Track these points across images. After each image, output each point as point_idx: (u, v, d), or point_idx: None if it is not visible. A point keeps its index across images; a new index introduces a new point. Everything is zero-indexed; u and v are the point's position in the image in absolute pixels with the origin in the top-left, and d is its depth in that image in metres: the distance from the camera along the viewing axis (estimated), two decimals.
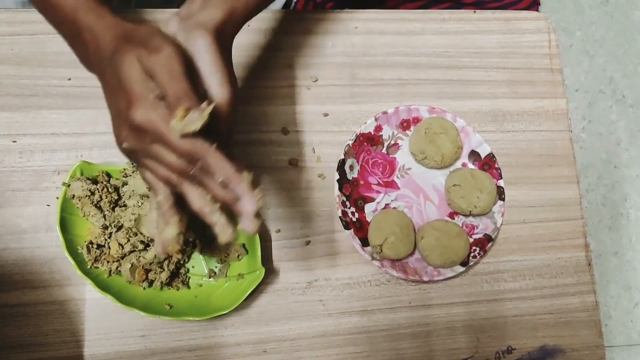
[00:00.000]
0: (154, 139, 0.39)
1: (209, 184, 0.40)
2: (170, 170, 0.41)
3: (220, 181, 0.39)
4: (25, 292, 0.57)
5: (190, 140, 0.38)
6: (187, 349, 0.57)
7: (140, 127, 0.39)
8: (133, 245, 0.56)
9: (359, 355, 0.59)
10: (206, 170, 0.39)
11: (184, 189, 0.41)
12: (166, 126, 0.38)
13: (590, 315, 0.63)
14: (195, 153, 0.39)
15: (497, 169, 0.64)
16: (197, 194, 0.41)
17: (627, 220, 1.48)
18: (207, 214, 0.41)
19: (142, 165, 0.43)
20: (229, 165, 0.39)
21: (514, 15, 0.72)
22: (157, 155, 0.40)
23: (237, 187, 0.39)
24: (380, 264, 0.59)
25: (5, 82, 0.62)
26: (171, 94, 0.38)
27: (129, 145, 0.41)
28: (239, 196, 0.39)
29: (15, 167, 0.60)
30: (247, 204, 0.39)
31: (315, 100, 0.66)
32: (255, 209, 0.39)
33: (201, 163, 0.39)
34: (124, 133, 0.41)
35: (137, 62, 0.39)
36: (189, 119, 0.37)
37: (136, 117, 0.39)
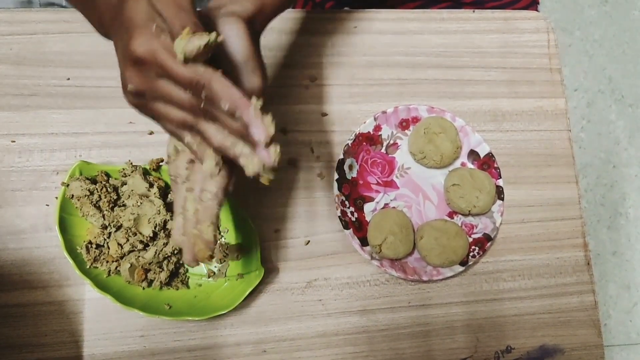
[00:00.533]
0: (158, 72, 0.37)
1: (221, 117, 0.38)
2: (182, 107, 0.39)
3: (227, 109, 0.36)
4: (24, 292, 0.57)
5: (193, 66, 0.36)
6: (187, 349, 0.57)
7: (142, 58, 0.37)
8: (132, 245, 0.56)
9: (359, 355, 0.59)
10: (212, 100, 0.37)
11: (200, 127, 0.39)
12: (167, 54, 0.36)
13: (589, 315, 0.63)
14: (199, 79, 0.36)
15: (496, 169, 0.64)
16: (214, 129, 0.39)
17: (626, 219, 1.48)
18: (229, 147, 0.38)
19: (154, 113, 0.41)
20: (235, 90, 0.36)
21: (513, 15, 0.72)
22: (164, 93, 0.38)
23: (245, 113, 0.36)
24: (380, 263, 0.59)
25: (4, 82, 0.62)
26: (178, 24, 0.37)
27: (134, 87, 0.39)
28: (247, 122, 0.36)
29: (14, 167, 0.60)
30: (256, 131, 0.36)
31: (315, 99, 0.66)
32: (266, 136, 0.36)
33: (206, 92, 0.36)
34: (128, 72, 0.38)
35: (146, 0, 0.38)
36: (193, 37, 0.35)
37: (137, 47, 0.37)
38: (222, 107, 0.36)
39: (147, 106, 0.40)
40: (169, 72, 0.37)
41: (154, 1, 0.38)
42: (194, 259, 0.43)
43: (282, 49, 0.67)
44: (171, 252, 0.56)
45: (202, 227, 0.42)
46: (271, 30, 0.67)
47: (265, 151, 0.37)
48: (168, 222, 0.56)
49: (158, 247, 0.56)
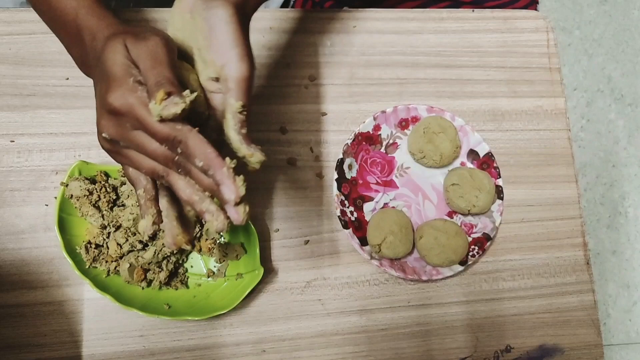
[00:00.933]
0: (134, 124, 0.38)
1: (193, 171, 0.38)
2: (155, 158, 0.39)
3: (200, 166, 0.37)
4: (23, 292, 0.57)
5: (169, 124, 0.37)
6: (186, 348, 0.57)
7: (118, 110, 0.38)
8: (131, 245, 0.55)
9: (358, 354, 0.59)
10: (187, 155, 0.37)
11: (170, 179, 0.40)
12: (144, 110, 0.37)
13: (588, 314, 0.63)
14: (175, 136, 0.37)
15: (495, 168, 0.64)
16: (184, 183, 0.39)
17: (626, 219, 1.48)
18: (196, 202, 0.39)
19: (124, 160, 0.42)
20: (210, 150, 0.37)
21: (512, 14, 0.72)
22: (138, 143, 0.39)
23: (217, 172, 0.37)
24: (379, 263, 0.59)
25: (3, 82, 0.62)
26: (153, 79, 0.37)
27: (109, 134, 0.39)
28: (219, 181, 0.37)
29: (14, 167, 0.60)
30: (227, 190, 0.37)
31: (314, 99, 0.66)
32: (235, 197, 0.37)
33: (182, 148, 0.37)
34: (103, 121, 0.39)
35: (122, 47, 0.39)
36: (169, 102, 0.36)
37: (114, 100, 0.37)
38: (196, 163, 0.37)
39: (118, 152, 0.41)
40: (146, 127, 0.37)
41: (132, 53, 0.39)
42: (173, 242, 0.43)
43: (282, 49, 0.67)
44: (170, 252, 0.56)
45: (184, 210, 0.43)
46: (270, 29, 0.67)
47: (234, 210, 0.37)
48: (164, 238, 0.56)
49: (157, 247, 0.56)
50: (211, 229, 0.39)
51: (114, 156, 0.42)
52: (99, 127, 0.40)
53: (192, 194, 0.39)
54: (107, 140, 0.40)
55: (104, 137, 0.40)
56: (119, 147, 0.41)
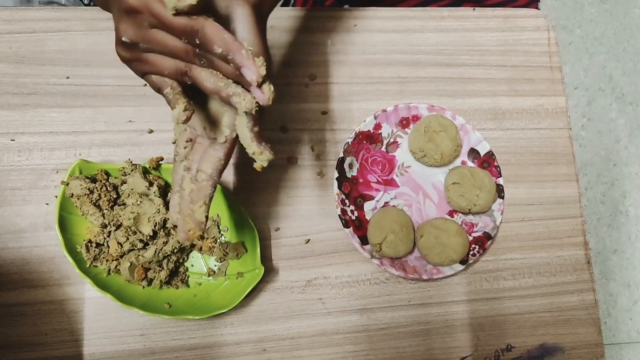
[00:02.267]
0: (151, 22, 0.39)
1: (215, 61, 0.39)
2: (175, 54, 0.40)
3: (220, 52, 0.38)
4: (24, 291, 0.57)
5: (186, 16, 0.38)
6: (187, 347, 0.57)
7: (135, 8, 0.39)
8: (132, 244, 0.55)
9: (359, 353, 0.59)
10: (205, 45, 0.38)
11: (193, 72, 0.41)
12: (159, 4, 0.38)
13: (589, 313, 0.63)
14: (192, 27, 0.38)
15: (496, 167, 0.64)
16: (207, 74, 0.40)
17: (627, 217, 1.48)
18: (222, 88, 0.40)
19: (145, 66, 0.42)
20: (227, 35, 0.38)
21: (513, 13, 0.72)
22: (158, 41, 0.40)
23: (237, 55, 0.38)
24: (380, 262, 0.59)
25: (3, 81, 0.62)
26: None
27: (128, 37, 0.40)
28: (239, 64, 0.38)
29: (14, 166, 0.60)
30: (248, 72, 0.38)
31: (314, 98, 0.66)
32: (257, 76, 0.38)
33: (200, 38, 0.38)
34: (122, 26, 0.40)
35: None
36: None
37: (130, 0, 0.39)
38: (215, 50, 0.38)
39: (139, 58, 0.42)
40: (162, 22, 0.38)
41: None
42: (186, 237, 0.45)
43: (282, 47, 0.67)
44: (171, 250, 0.56)
45: (195, 207, 0.44)
46: (271, 28, 0.67)
47: (258, 91, 0.39)
48: (168, 221, 0.56)
49: (158, 246, 0.56)
50: (240, 108, 0.40)
51: (136, 65, 0.43)
52: (118, 32, 0.41)
53: (217, 81, 0.40)
54: (127, 47, 0.41)
55: (123, 44, 0.41)
56: (139, 52, 0.42)
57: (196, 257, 0.60)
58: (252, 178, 0.62)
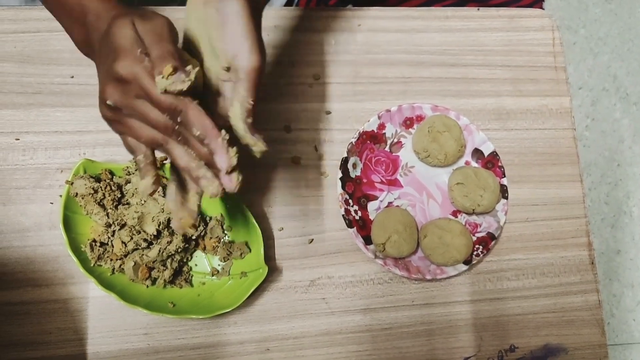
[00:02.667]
0: (137, 93, 0.40)
1: (191, 140, 0.41)
2: (155, 126, 0.41)
3: (197, 135, 0.40)
4: (28, 290, 0.57)
5: (171, 95, 0.39)
6: (190, 347, 0.58)
7: (124, 78, 0.40)
8: (136, 243, 0.56)
9: (362, 353, 0.59)
10: (186, 125, 0.40)
11: (169, 147, 0.42)
12: (149, 79, 0.39)
13: (593, 314, 0.63)
14: (176, 106, 0.39)
15: (500, 167, 0.64)
16: (182, 151, 0.42)
17: (630, 218, 1.47)
18: (193, 168, 0.41)
19: (124, 129, 0.43)
20: (207, 121, 0.39)
21: (517, 13, 0.72)
22: (141, 111, 0.41)
23: (212, 142, 0.40)
24: (383, 262, 0.59)
25: (8, 80, 0.62)
26: (157, 52, 0.40)
27: (113, 101, 0.41)
28: (211, 151, 0.40)
29: (19, 165, 0.60)
30: (220, 159, 0.40)
31: (318, 98, 0.66)
32: (227, 165, 0.40)
33: (182, 117, 0.40)
34: (109, 90, 0.41)
35: (130, 23, 0.41)
36: (176, 78, 0.38)
37: (121, 69, 0.40)
38: (194, 133, 0.40)
39: (120, 121, 0.43)
40: (149, 96, 0.40)
41: (139, 30, 0.41)
42: (180, 226, 0.46)
43: (286, 47, 0.67)
44: (175, 250, 0.56)
45: (189, 195, 0.45)
46: (275, 28, 0.67)
47: (227, 178, 0.41)
48: (171, 221, 0.56)
49: (162, 246, 0.56)
50: (207, 193, 0.41)
51: (115, 125, 0.44)
52: (103, 95, 0.42)
53: (190, 161, 0.41)
54: (110, 109, 0.42)
55: (107, 105, 0.42)
56: (121, 115, 0.43)
57: (200, 256, 0.60)
58: (256, 178, 0.62)
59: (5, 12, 0.64)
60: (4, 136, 0.60)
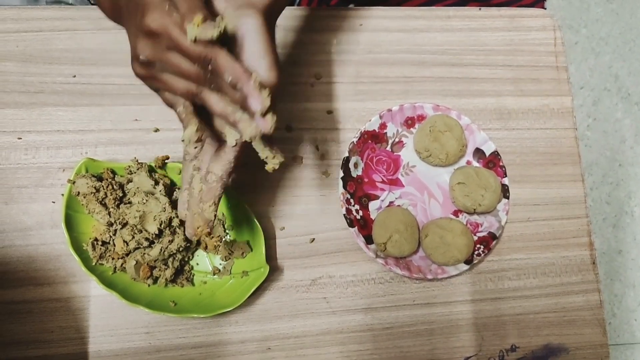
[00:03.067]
0: (169, 44, 0.41)
1: (224, 87, 0.41)
2: (188, 77, 0.42)
3: (230, 80, 0.40)
4: (30, 289, 0.57)
5: (202, 44, 0.40)
6: (191, 346, 0.58)
7: (155, 31, 0.41)
8: (138, 242, 0.56)
9: (363, 353, 0.60)
10: (217, 72, 0.41)
11: (203, 95, 0.43)
12: (179, 30, 0.40)
13: (594, 314, 0.63)
14: (206, 55, 0.40)
15: (501, 167, 0.64)
16: (217, 97, 0.42)
17: (632, 218, 1.47)
18: (229, 113, 0.42)
19: (159, 84, 0.44)
20: (237, 65, 0.40)
21: (519, 13, 0.72)
22: (173, 64, 0.42)
23: (245, 85, 0.40)
24: (384, 261, 0.59)
25: (10, 79, 0.62)
26: (186, 6, 0.40)
27: (145, 56, 0.42)
28: (246, 94, 0.40)
29: (21, 164, 0.60)
30: (254, 102, 0.40)
31: (320, 97, 0.66)
32: (262, 107, 0.40)
33: (212, 65, 0.40)
34: (140, 45, 0.42)
35: None
36: (206, 25, 0.39)
37: (150, 22, 0.40)
38: (226, 78, 0.40)
39: (154, 76, 0.44)
40: (179, 47, 0.40)
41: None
42: (194, 233, 0.47)
43: (288, 47, 0.67)
44: (176, 249, 0.56)
45: (205, 206, 0.46)
46: (277, 27, 0.67)
47: (261, 120, 0.41)
48: (173, 220, 0.56)
49: (163, 245, 0.56)
50: (244, 135, 0.41)
51: (149, 82, 0.45)
52: (135, 51, 0.43)
53: (225, 106, 0.42)
54: (143, 65, 0.43)
55: (140, 63, 0.43)
56: (154, 70, 0.43)
57: (201, 255, 0.60)
58: (258, 177, 0.62)
59: (7, 11, 0.64)
60: (6, 135, 0.61)
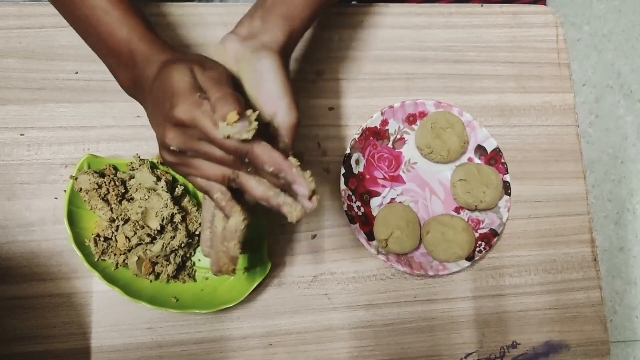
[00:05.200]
0: (200, 136, 0.40)
1: (262, 172, 0.42)
2: (223, 164, 0.42)
3: (271, 171, 0.40)
4: (32, 284, 0.57)
5: (236, 140, 0.39)
6: (193, 341, 0.58)
7: (184, 122, 0.40)
8: (140, 238, 0.56)
9: (364, 349, 0.60)
10: (255, 164, 0.41)
11: (241, 180, 0.43)
12: (210, 124, 0.39)
13: (595, 311, 0.63)
14: (242, 149, 0.40)
15: (503, 164, 0.64)
16: (255, 182, 0.42)
17: (634, 215, 1.47)
18: (271, 197, 0.42)
19: (192, 170, 0.44)
20: (277, 154, 0.40)
21: (521, 9, 0.72)
22: (206, 151, 0.41)
23: (289, 174, 0.40)
24: (386, 258, 0.59)
25: (13, 76, 0.62)
26: (216, 96, 0.40)
27: (176, 146, 0.41)
28: (291, 181, 0.41)
29: (23, 160, 0.60)
30: (300, 187, 0.41)
31: (322, 94, 0.66)
32: (308, 191, 0.41)
33: (250, 157, 0.40)
34: (169, 135, 0.41)
35: (189, 71, 0.41)
36: (240, 127, 0.38)
37: (180, 114, 0.40)
38: (266, 169, 0.40)
39: (185, 163, 0.43)
40: (212, 140, 0.40)
41: (198, 77, 0.41)
42: (219, 270, 0.47)
43: None
44: (178, 245, 0.56)
45: (229, 244, 0.46)
46: None
47: (307, 201, 0.42)
48: (175, 216, 0.56)
49: (165, 240, 0.56)
50: (291, 218, 0.42)
51: (181, 169, 0.44)
52: (164, 141, 0.42)
53: (266, 191, 0.42)
54: (173, 154, 0.43)
55: (170, 151, 0.42)
56: (185, 158, 0.43)
57: None
58: None
59: (10, 8, 0.64)
60: (8, 131, 0.61)
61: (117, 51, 0.48)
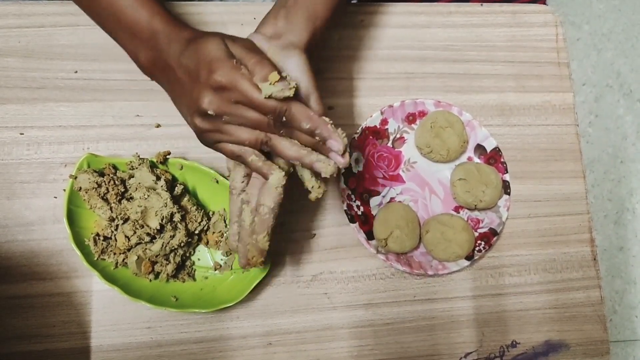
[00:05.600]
0: (237, 99, 0.43)
1: (294, 132, 0.44)
2: (257, 126, 0.44)
3: (307, 128, 0.43)
4: (32, 283, 0.57)
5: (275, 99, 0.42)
6: (193, 340, 0.58)
7: (224, 86, 0.42)
8: (139, 237, 0.56)
9: (364, 348, 0.60)
10: (292, 121, 0.43)
11: (273, 142, 0.45)
12: (250, 85, 0.42)
13: (595, 310, 0.63)
14: (281, 108, 0.42)
15: (502, 163, 0.64)
16: (288, 143, 0.45)
17: (633, 215, 1.47)
18: (305, 155, 0.44)
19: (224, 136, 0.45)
20: (312, 113, 0.43)
21: (521, 9, 0.72)
22: (241, 115, 0.43)
23: (324, 130, 0.43)
24: (385, 257, 0.59)
25: (12, 75, 0.62)
26: (252, 61, 0.43)
27: (213, 110, 0.43)
28: (326, 137, 0.43)
29: (23, 159, 0.60)
30: (334, 143, 0.43)
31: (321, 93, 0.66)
32: (343, 146, 0.43)
33: (287, 116, 0.43)
34: (207, 99, 0.43)
35: (221, 42, 0.44)
36: (283, 85, 0.41)
37: (220, 77, 0.42)
38: (303, 127, 0.43)
39: (219, 129, 0.45)
40: (252, 102, 0.43)
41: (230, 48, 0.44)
42: (248, 263, 0.49)
43: None
44: (178, 244, 0.56)
45: (258, 237, 0.48)
46: None
47: (340, 157, 0.44)
48: (175, 215, 0.56)
49: (165, 240, 0.56)
50: (325, 173, 0.44)
51: (213, 136, 0.46)
52: (200, 107, 0.44)
53: (299, 150, 0.44)
54: (207, 119, 0.45)
55: (205, 117, 0.44)
56: (219, 123, 0.45)
57: (203, 251, 0.60)
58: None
59: (9, 6, 0.64)
60: (8, 130, 0.61)
61: (138, 32, 0.49)
